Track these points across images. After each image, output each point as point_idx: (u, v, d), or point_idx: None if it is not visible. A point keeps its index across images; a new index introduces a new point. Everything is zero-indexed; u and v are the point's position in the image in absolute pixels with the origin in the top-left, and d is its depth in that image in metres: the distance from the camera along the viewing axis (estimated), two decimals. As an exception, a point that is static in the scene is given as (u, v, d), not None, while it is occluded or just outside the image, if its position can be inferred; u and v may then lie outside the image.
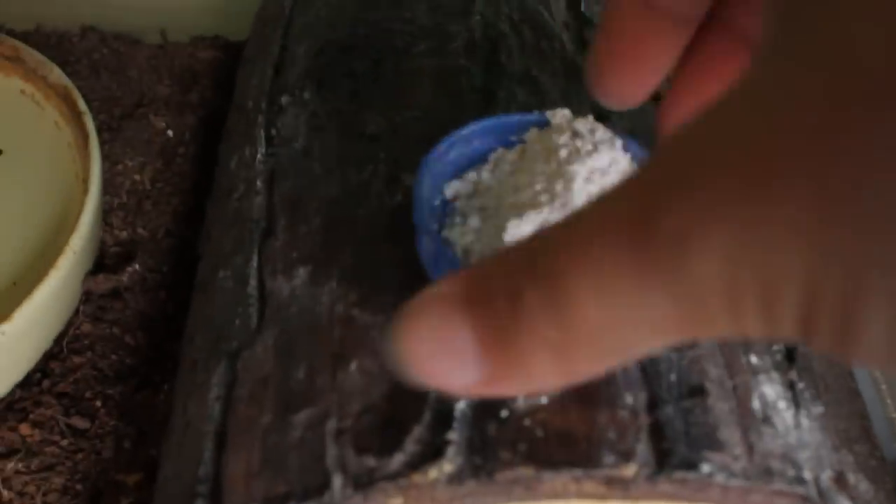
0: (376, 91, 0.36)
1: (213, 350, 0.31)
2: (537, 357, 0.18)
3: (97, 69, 0.50)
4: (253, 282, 0.32)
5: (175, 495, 0.29)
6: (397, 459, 0.25)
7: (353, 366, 0.28)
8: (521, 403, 0.26)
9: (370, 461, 0.25)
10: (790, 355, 0.30)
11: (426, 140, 0.31)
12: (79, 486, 0.36)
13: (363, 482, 0.25)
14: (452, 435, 0.25)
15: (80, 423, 0.38)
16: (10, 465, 0.36)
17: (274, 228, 0.34)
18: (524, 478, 0.25)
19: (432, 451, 0.25)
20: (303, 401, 0.27)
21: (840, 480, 0.28)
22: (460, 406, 0.26)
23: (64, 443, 0.37)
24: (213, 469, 0.28)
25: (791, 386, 0.29)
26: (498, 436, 0.26)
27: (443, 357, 0.19)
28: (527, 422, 0.26)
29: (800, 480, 0.26)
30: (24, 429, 0.38)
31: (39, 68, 0.44)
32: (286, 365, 0.29)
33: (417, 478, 0.25)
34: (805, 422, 0.28)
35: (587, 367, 0.18)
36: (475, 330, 0.18)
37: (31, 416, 0.38)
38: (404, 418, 0.26)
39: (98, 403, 0.39)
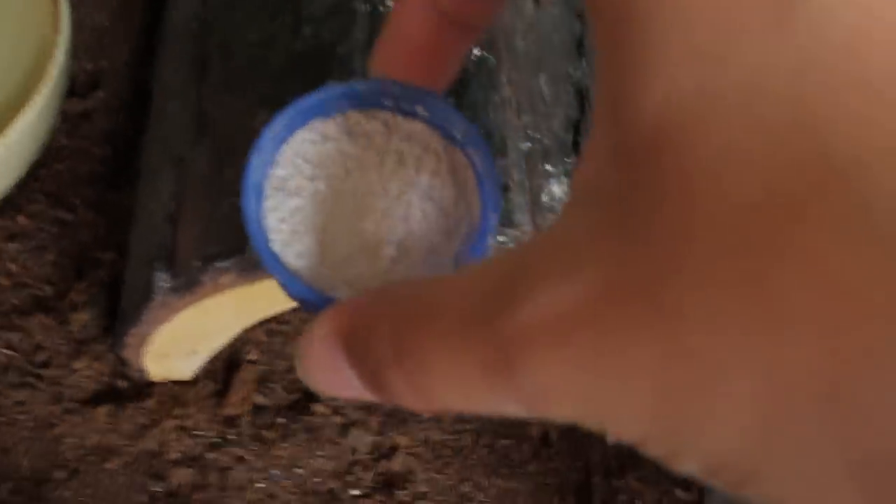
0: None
1: (163, 156, 0.43)
2: (408, 403, 0.19)
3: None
4: (193, 106, 0.43)
5: (142, 260, 0.41)
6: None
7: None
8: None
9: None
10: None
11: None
12: (66, 262, 0.48)
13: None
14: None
15: (63, 215, 0.49)
16: (13, 246, 0.48)
17: (209, 65, 0.44)
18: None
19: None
20: (231, 190, 0.39)
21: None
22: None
23: (53, 230, 0.49)
24: (170, 240, 0.40)
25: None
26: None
27: (336, 382, 0.21)
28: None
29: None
30: (21, 219, 0.49)
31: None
32: (219, 165, 0.40)
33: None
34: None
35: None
36: (356, 371, 0.20)
37: (25, 209, 0.49)
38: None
39: (77, 201, 0.50)
